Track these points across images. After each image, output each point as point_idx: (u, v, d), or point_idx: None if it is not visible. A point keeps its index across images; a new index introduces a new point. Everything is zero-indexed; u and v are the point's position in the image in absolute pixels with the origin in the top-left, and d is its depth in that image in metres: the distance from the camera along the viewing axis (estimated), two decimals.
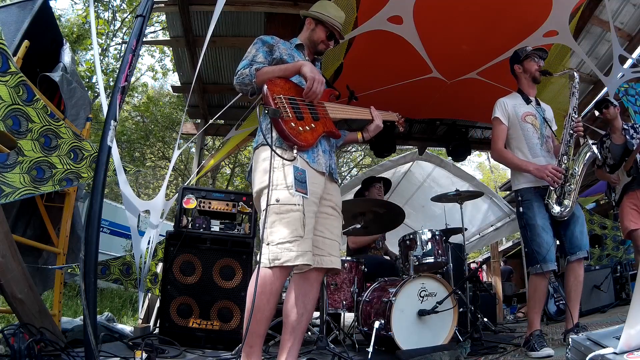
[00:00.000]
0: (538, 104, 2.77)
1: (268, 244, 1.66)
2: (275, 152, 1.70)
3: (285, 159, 1.71)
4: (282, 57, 1.93)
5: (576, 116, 2.55)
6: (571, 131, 2.52)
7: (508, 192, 9.67)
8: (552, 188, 2.47)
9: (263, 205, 1.71)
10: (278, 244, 1.64)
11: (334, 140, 2.04)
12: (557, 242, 2.64)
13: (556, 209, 2.47)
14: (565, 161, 2.50)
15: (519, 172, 2.62)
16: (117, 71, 1.54)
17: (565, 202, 2.46)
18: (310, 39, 2.11)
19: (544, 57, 2.77)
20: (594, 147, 2.46)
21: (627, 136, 3.53)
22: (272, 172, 1.71)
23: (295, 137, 1.70)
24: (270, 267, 1.63)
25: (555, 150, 2.63)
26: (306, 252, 1.66)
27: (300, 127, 1.74)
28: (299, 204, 1.67)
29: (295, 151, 1.71)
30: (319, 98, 1.84)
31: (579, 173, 2.48)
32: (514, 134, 2.67)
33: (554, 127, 2.75)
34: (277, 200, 1.67)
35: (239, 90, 1.92)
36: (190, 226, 3.05)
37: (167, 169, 6.73)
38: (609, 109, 3.55)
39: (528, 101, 2.71)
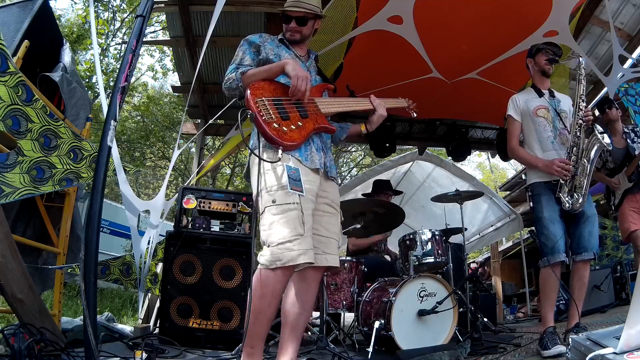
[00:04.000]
0: (552, 95, 2.73)
1: (268, 246, 1.64)
2: (256, 154, 1.71)
3: (268, 161, 1.70)
4: (269, 57, 1.91)
5: (584, 105, 2.48)
6: (580, 121, 2.46)
7: (508, 192, 9.68)
8: (562, 182, 2.44)
9: (261, 208, 1.72)
10: (278, 244, 1.61)
11: (327, 136, 1.98)
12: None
13: (568, 202, 2.42)
14: (575, 153, 2.46)
15: (531, 168, 2.63)
16: (117, 71, 1.54)
17: (576, 195, 2.43)
18: (284, 34, 2.05)
19: (559, 54, 2.70)
20: (605, 136, 2.39)
21: (628, 140, 3.49)
22: (265, 175, 1.71)
23: (279, 138, 1.68)
24: (272, 269, 1.61)
25: None
26: (307, 250, 1.64)
27: (284, 127, 1.71)
28: (295, 202, 1.65)
29: (279, 152, 1.68)
30: (305, 94, 1.77)
31: (589, 165, 2.42)
32: (526, 129, 2.68)
33: (571, 119, 2.65)
34: (274, 201, 1.67)
35: (228, 96, 1.91)
36: (190, 226, 3.05)
37: (167, 169, 6.73)
38: (612, 110, 3.52)
39: (540, 94, 2.69)
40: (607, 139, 2.38)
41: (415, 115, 2.33)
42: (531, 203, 2.56)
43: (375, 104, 2.04)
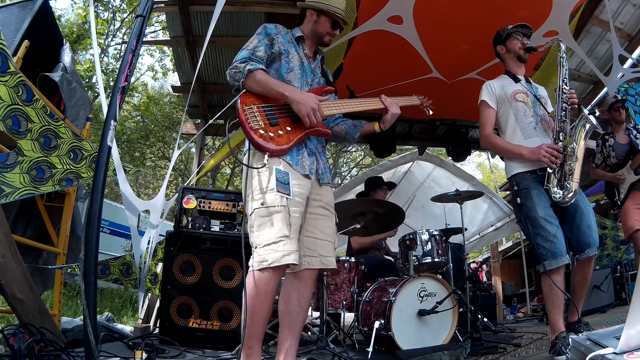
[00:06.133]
0: (528, 82, 2.53)
1: (256, 247, 1.67)
2: (242, 162, 1.77)
3: (254, 168, 1.73)
4: (279, 51, 1.91)
5: (567, 88, 2.29)
6: (564, 104, 2.26)
7: (508, 192, 9.67)
8: (550, 170, 2.20)
9: (249, 210, 1.74)
10: (265, 245, 1.65)
11: (320, 141, 1.97)
12: None
13: (559, 193, 2.20)
14: (562, 138, 2.23)
15: (511, 158, 2.38)
16: (117, 71, 1.54)
17: (567, 184, 2.19)
18: (314, 31, 2.01)
19: (529, 34, 2.51)
20: (592, 117, 2.19)
21: (631, 136, 3.55)
22: (255, 178, 1.74)
23: (265, 144, 1.70)
24: (260, 270, 1.64)
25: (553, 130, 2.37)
26: (292, 252, 1.65)
27: (271, 133, 1.73)
28: (282, 205, 1.67)
29: (266, 158, 1.70)
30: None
31: (579, 149, 2.20)
32: (504, 114, 2.43)
33: (550, 109, 2.47)
34: (262, 204, 1.68)
35: (229, 81, 1.88)
36: (190, 226, 3.05)
37: (167, 169, 6.73)
38: (622, 111, 3.61)
39: (516, 80, 2.49)
40: (594, 120, 2.21)
41: (431, 112, 2.25)
42: (518, 199, 2.26)
43: (387, 103, 2.01)
